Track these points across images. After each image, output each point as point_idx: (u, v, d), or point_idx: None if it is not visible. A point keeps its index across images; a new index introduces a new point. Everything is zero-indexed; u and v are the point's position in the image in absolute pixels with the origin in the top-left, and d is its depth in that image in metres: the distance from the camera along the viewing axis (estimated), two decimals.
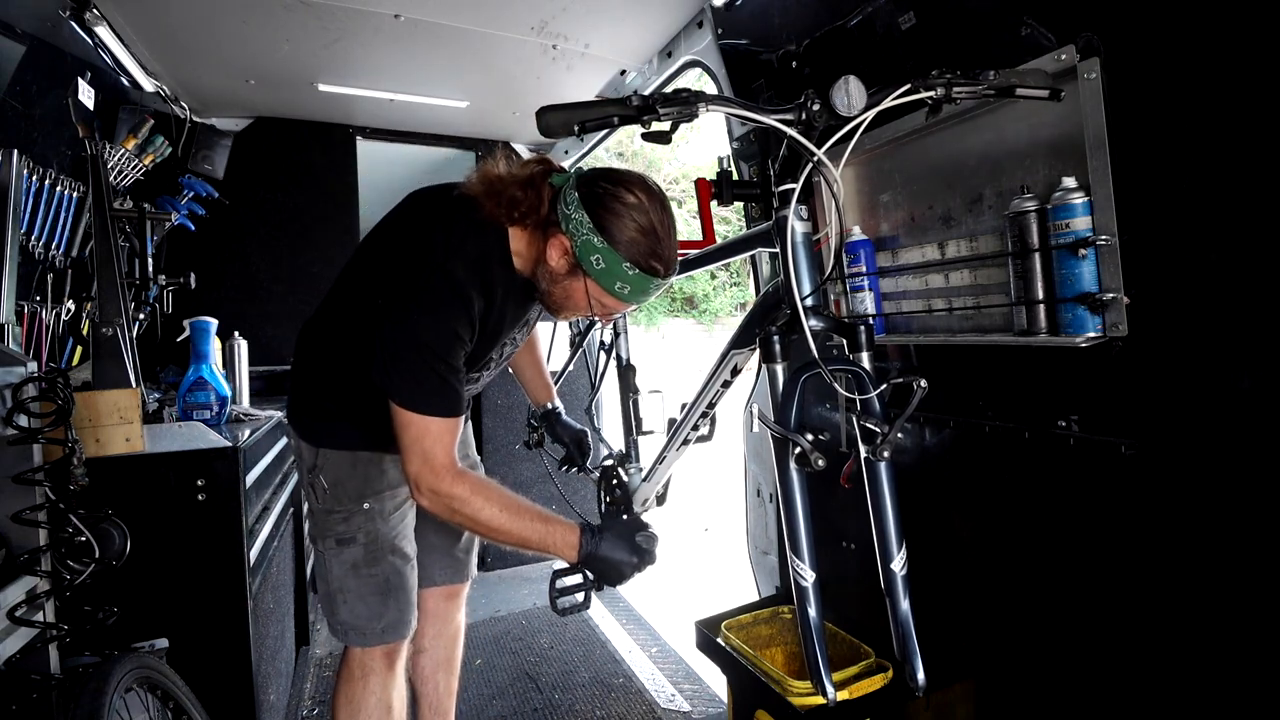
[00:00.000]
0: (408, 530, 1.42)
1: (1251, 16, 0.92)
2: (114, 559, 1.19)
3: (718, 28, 2.01)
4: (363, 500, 1.34)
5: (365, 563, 1.35)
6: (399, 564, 1.38)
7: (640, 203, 1.12)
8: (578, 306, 1.23)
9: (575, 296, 1.21)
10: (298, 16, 2.04)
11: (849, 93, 0.95)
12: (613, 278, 1.13)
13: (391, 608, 1.36)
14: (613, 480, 1.87)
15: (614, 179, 1.15)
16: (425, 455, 1.15)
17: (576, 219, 1.12)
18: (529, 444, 1.90)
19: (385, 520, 1.36)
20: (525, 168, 1.22)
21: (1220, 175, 0.98)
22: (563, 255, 1.17)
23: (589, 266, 1.14)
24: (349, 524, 1.34)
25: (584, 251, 1.13)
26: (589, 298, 1.19)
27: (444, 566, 1.61)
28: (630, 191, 1.12)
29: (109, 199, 1.76)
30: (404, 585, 1.38)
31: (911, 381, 0.94)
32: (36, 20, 1.72)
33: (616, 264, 1.12)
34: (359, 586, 1.35)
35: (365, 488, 1.34)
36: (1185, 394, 1.05)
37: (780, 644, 1.68)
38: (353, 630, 1.36)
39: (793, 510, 0.98)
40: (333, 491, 1.34)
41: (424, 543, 1.51)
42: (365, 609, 1.35)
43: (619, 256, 1.11)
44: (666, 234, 1.14)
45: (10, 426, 1.05)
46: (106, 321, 1.60)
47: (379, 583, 1.35)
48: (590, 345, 2.11)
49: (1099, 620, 1.20)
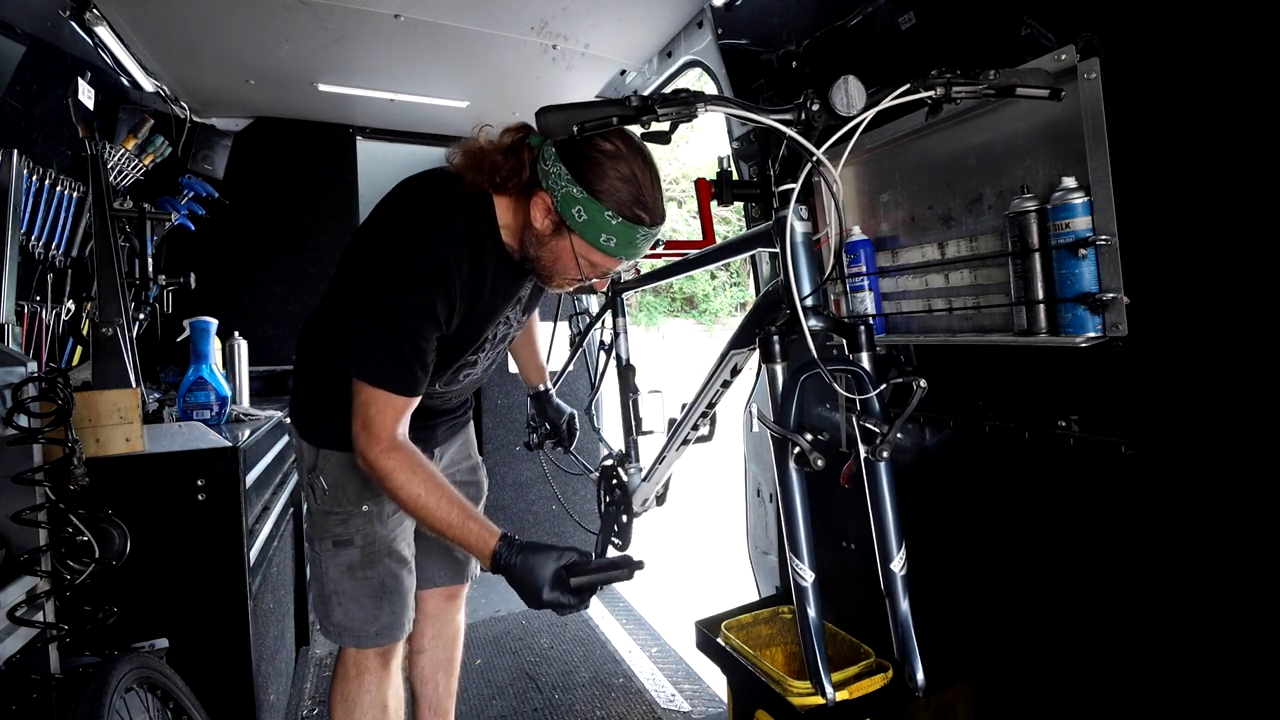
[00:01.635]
0: (406, 533, 1.41)
1: (1251, 16, 0.92)
2: (114, 559, 1.19)
3: (718, 28, 2.01)
4: (362, 502, 1.34)
5: (361, 565, 1.34)
6: (395, 567, 1.37)
7: (619, 150, 1.09)
8: (567, 268, 1.19)
9: (563, 257, 1.18)
10: (298, 16, 2.04)
11: (848, 93, 0.95)
12: (597, 229, 1.10)
13: (386, 611, 1.35)
14: (613, 480, 1.87)
15: (597, 138, 1.11)
16: (367, 421, 1.15)
17: (555, 173, 1.10)
18: (529, 444, 1.90)
19: (384, 523, 1.36)
20: (505, 135, 1.21)
21: (1220, 175, 0.98)
22: (546, 214, 1.14)
23: (572, 221, 1.11)
24: (347, 526, 1.34)
25: (565, 205, 1.11)
26: (576, 256, 1.16)
27: (444, 568, 1.60)
28: (607, 139, 1.09)
29: (109, 199, 1.76)
30: (399, 589, 1.37)
31: (911, 382, 0.94)
32: (36, 20, 1.72)
33: (599, 214, 1.09)
34: (354, 589, 1.34)
35: (365, 490, 1.33)
36: (1185, 394, 1.05)
37: (780, 644, 1.68)
38: (346, 632, 1.35)
39: (792, 510, 0.98)
40: (332, 493, 1.33)
41: (424, 544, 1.50)
42: (360, 611, 1.34)
43: (600, 206, 1.09)
44: (649, 181, 1.11)
45: (10, 426, 1.05)
46: (106, 321, 1.60)
47: (374, 585, 1.35)
48: (590, 345, 2.11)
49: (1099, 620, 1.20)
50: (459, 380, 1.41)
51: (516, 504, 3.33)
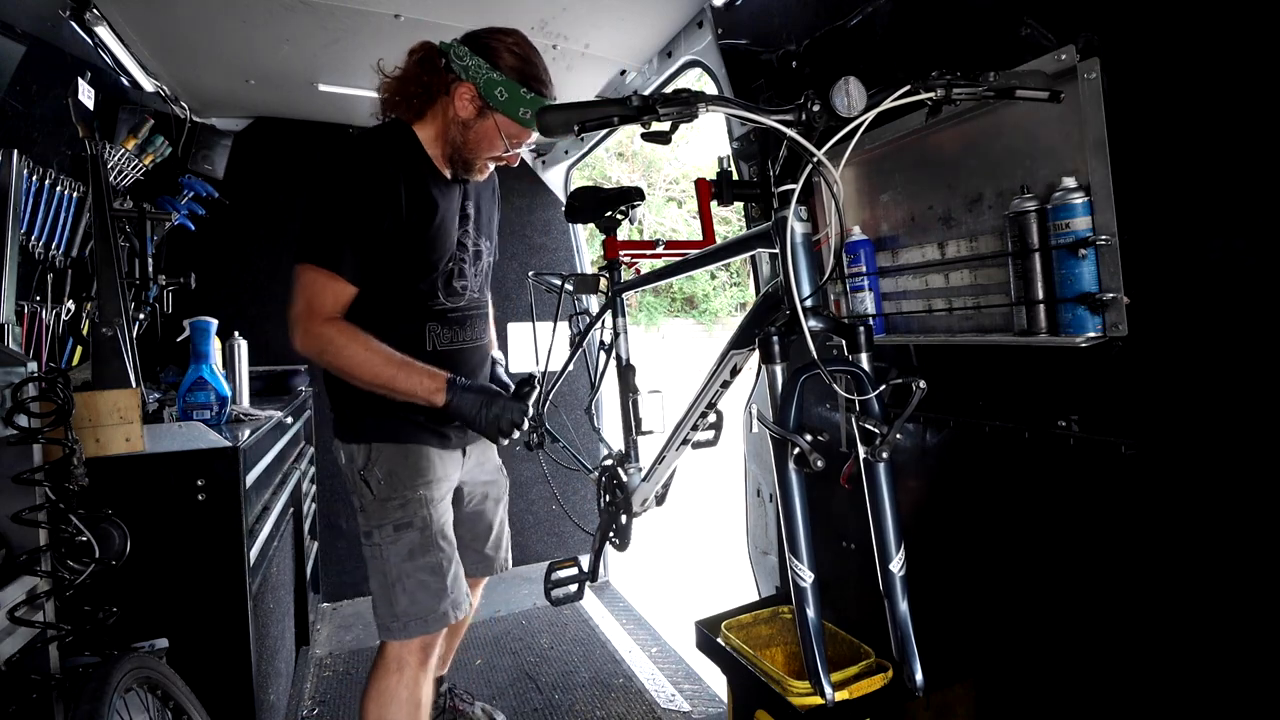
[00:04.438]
0: (451, 519, 1.53)
1: (1251, 16, 0.92)
2: (114, 559, 1.19)
3: (718, 28, 2.01)
4: (416, 487, 1.45)
5: (421, 548, 1.43)
6: (449, 550, 1.47)
7: (514, 38, 1.38)
8: (493, 145, 1.41)
9: (488, 136, 1.40)
10: (298, 16, 2.04)
11: (849, 93, 0.95)
12: (516, 104, 1.35)
13: (449, 588, 1.44)
14: (612, 480, 1.87)
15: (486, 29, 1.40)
16: (309, 301, 1.32)
17: (474, 64, 1.36)
18: (529, 444, 1.90)
19: (435, 507, 1.47)
20: (411, 55, 1.45)
21: (1220, 174, 0.98)
22: (470, 100, 1.38)
23: (495, 100, 1.36)
24: (405, 510, 1.44)
25: (487, 88, 1.35)
26: (500, 132, 1.39)
27: (474, 561, 1.73)
28: (502, 31, 1.39)
29: (109, 199, 1.76)
30: (455, 570, 1.47)
31: (911, 382, 0.94)
32: (36, 20, 1.72)
33: (515, 90, 1.35)
34: (417, 571, 1.42)
35: (417, 476, 1.45)
36: (1185, 394, 1.05)
37: (780, 644, 1.68)
38: (414, 620, 1.41)
39: (792, 511, 0.98)
40: (388, 481, 1.44)
41: (459, 539, 1.59)
42: (425, 593, 1.42)
43: (515, 83, 1.35)
44: (539, 58, 1.40)
45: (10, 426, 1.05)
46: (106, 321, 1.60)
47: (434, 565, 1.43)
48: (590, 345, 2.11)
49: (1099, 620, 1.20)
50: (458, 291, 1.53)
51: (516, 504, 3.33)
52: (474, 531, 1.72)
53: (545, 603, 2.04)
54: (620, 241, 1.85)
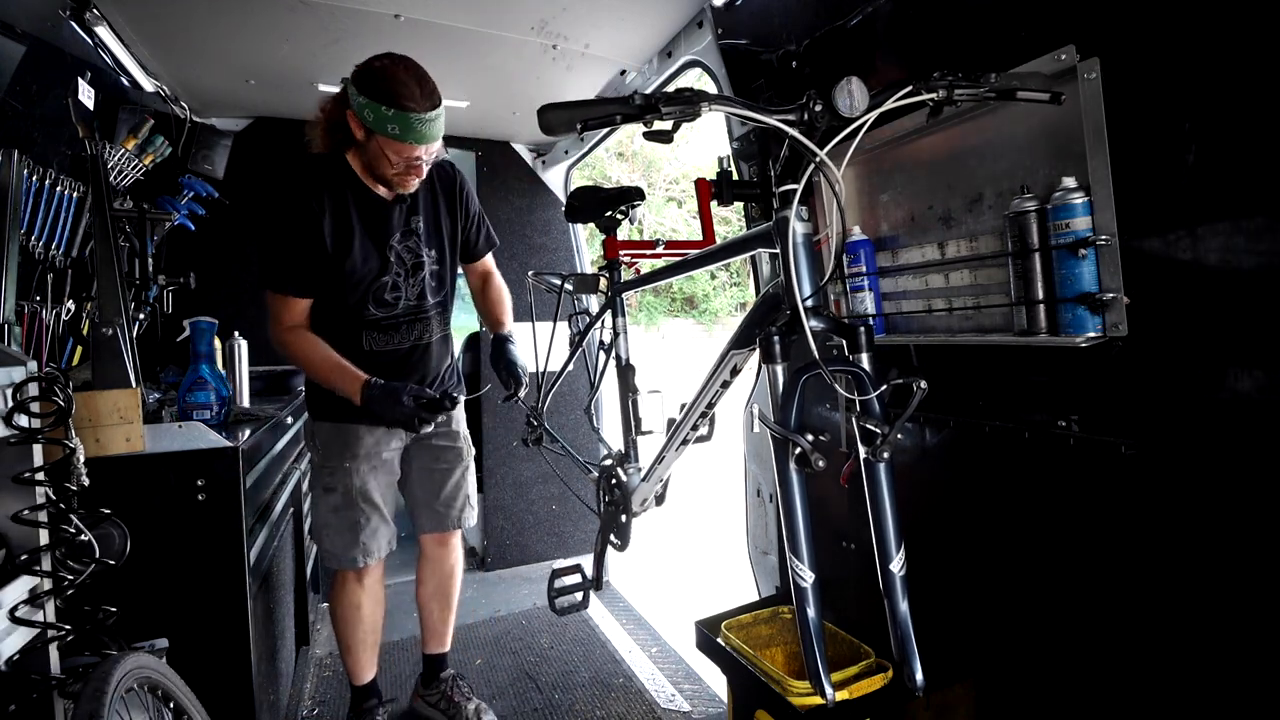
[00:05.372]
0: (379, 485, 1.78)
1: (1250, 16, 0.92)
2: (114, 559, 1.18)
3: (718, 28, 2.01)
4: (343, 459, 1.74)
5: (342, 507, 1.75)
6: (367, 510, 1.76)
7: (384, 64, 1.48)
8: (383, 161, 1.55)
9: (377, 154, 1.54)
10: (298, 16, 2.04)
11: (851, 94, 0.95)
12: (383, 121, 1.47)
13: (357, 542, 1.76)
14: (612, 480, 1.87)
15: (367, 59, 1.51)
16: (273, 315, 1.64)
17: (351, 93, 1.50)
18: (528, 442, 1.90)
19: (359, 476, 1.75)
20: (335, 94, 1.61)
21: (1220, 174, 0.98)
22: (358, 126, 1.52)
23: (368, 122, 1.48)
24: (334, 477, 1.75)
25: (360, 111, 1.49)
26: (382, 149, 1.52)
27: (428, 517, 1.95)
28: (376, 60, 1.49)
29: (109, 199, 1.76)
30: (369, 526, 1.76)
31: (911, 382, 0.94)
32: (36, 20, 1.72)
33: (378, 110, 1.46)
34: (337, 524, 1.76)
35: (345, 450, 1.74)
36: (1185, 394, 1.05)
37: (780, 644, 1.68)
38: (330, 556, 1.79)
39: (792, 511, 0.98)
40: (324, 452, 1.77)
41: (410, 498, 1.94)
42: (340, 540, 1.76)
43: (378, 104, 1.46)
44: (410, 78, 1.47)
45: (10, 426, 1.04)
46: (106, 321, 1.60)
47: (350, 522, 1.75)
48: (590, 345, 2.11)
49: (1099, 620, 1.20)
50: (389, 303, 1.71)
51: (516, 504, 3.33)
52: (425, 489, 1.92)
53: (545, 603, 2.04)
54: (620, 241, 1.85)
